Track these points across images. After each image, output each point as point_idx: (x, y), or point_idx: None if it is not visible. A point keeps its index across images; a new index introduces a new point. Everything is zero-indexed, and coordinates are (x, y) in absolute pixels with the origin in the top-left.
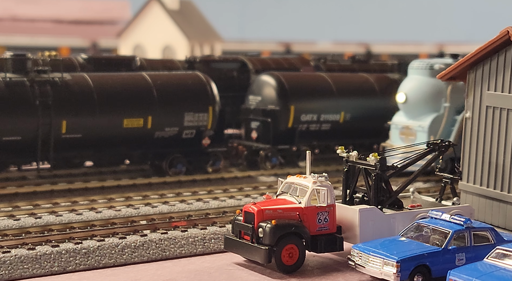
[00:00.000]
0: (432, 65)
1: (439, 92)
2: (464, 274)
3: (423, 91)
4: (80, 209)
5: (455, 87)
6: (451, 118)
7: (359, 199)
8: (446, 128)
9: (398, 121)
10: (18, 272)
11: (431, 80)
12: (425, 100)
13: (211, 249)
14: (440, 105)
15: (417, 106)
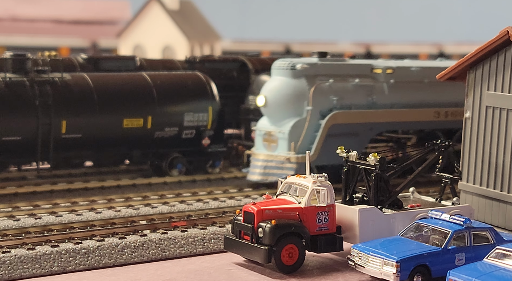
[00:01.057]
0: (294, 65)
1: (301, 95)
2: (464, 274)
3: (284, 93)
4: (80, 210)
5: (318, 88)
6: (315, 122)
7: (359, 199)
8: (309, 134)
9: (261, 126)
10: (18, 272)
11: (292, 81)
12: (286, 103)
13: (211, 249)
14: (303, 109)
15: (278, 110)
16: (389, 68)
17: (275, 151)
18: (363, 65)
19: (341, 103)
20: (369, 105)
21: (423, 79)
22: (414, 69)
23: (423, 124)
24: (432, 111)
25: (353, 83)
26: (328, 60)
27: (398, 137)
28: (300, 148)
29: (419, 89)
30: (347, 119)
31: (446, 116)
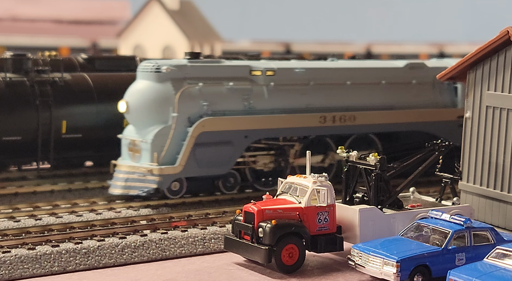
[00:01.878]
0: (159, 67)
1: (166, 100)
2: (464, 274)
3: (147, 98)
4: (80, 211)
5: (186, 93)
6: (182, 130)
7: (359, 199)
8: (174, 143)
9: (126, 134)
10: (18, 272)
11: (157, 85)
12: (149, 110)
13: (211, 249)
14: (168, 116)
15: (141, 117)
16: (269, 70)
17: (139, 162)
18: (240, 66)
19: (213, 109)
20: (246, 110)
21: (309, 82)
22: (298, 71)
23: (307, 130)
24: (317, 116)
25: (227, 87)
26: (200, 62)
27: (280, 144)
28: (164, 158)
29: (304, 92)
30: (218, 126)
31: (333, 121)
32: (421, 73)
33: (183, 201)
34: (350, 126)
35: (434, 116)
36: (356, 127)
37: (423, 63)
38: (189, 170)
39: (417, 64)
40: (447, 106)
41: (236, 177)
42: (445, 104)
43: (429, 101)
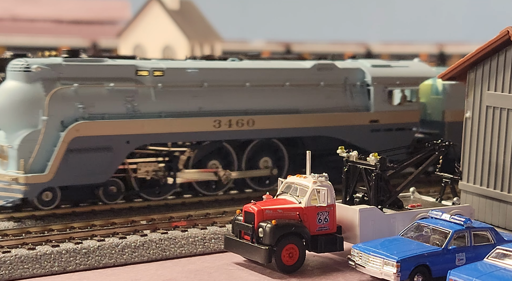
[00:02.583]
0: (28, 66)
1: (36, 102)
2: (464, 274)
3: (13, 100)
4: (80, 211)
5: (58, 94)
6: (54, 135)
7: (359, 199)
8: (45, 149)
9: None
10: (18, 272)
11: (25, 86)
12: (16, 113)
13: (211, 249)
14: (38, 119)
15: (8, 120)
16: (157, 70)
17: (7, 169)
18: (124, 66)
19: (91, 112)
20: (129, 113)
21: (202, 83)
22: (190, 71)
23: (200, 135)
24: (211, 120)
25: (107, 88)
26: (77, 61)
27: (168, 150)
28: (33, 166)
29: (197, 94)
30: (95, 131)
31: (229, 125)
32: (330, 74)
33: (183, 201)
34: (248, 131)
35: (344, 120)
36: (256, 132)
37: (333, 64)
38: (61, 179)
39: (326, 65)
40: (359, 109)
41: (120, 186)
42: (357, 108)
43: (340, 104)
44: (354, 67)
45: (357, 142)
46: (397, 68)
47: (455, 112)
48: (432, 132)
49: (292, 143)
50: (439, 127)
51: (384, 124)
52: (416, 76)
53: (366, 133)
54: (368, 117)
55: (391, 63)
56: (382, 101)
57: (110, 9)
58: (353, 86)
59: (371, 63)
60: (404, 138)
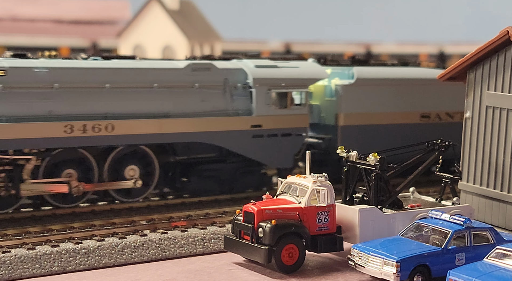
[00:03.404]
0: None
1: None
2: (464, 274)
3: None
4: (80, 211)
5: None
6: None
7: (359, 199)
8: None
9: None
10: (18, 272)
11: None
12: None
13: (211, 249)
14: None
15: None
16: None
17: None
18: None
19: None
20: None
21: (52, 84)
22: (38, 71)
23: (48, 142)
24: (61, 125)
25: None
26: None
27: (10, 159)
28: None
29: (46, 96)
30: None
31: (84, 131)
32: (207, 75)
33: (183, 201)
34: (107, 137)
35: (221, 125)
36: (116, 137)
37: (211, 64)
38: None
39: (202, 65)
40: (240, 113)
41: None
42: (237, 112)
43: (218, 107)
44: (236, 67)
45: (237, 148)
46: (285, 69)
47: (350, 115)
48: (325, 137)
49: (164, 150)
50: (332, 132)
51: (268, 129)
52: (306, 78)
53: (247, 139)
54: (250, 121)
55: (279, 63)
56: (265, 105)
57: (110, 9)
58: (234, 88)
59: (255, 63)
60: (292, 144)
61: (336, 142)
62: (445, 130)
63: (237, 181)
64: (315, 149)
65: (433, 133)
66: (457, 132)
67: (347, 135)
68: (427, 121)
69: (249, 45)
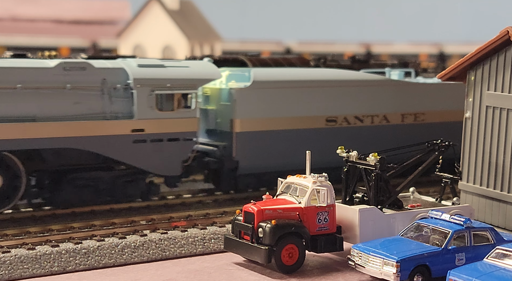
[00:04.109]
0: None
1: None
2: (464, 274)
3: None
4: (80, 211)
5: None
6: None
7: (359, 199)
8: None
9: None
10: (18, 272)
11: None
12: None
13: (211, 249)
14: None
15: None
16: None
17: None
18: None
19: None
20: None
21: None
22: None
23: None
24: None
25: None
26: None
27: None
28: None
29: None
30: None
31: None
32: (82, 75)
33: (183, 201)
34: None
35: (96, 129)
36: None
37: (86, 63)
38: None
39: (76, 64)
40: (120, 117)
41: None
42: (116, 115)
43: (94, 110)
44: (116, 67)
45: (116, 155)
46: (172, 68)
47: (247, 121)
48: (219, 144)
49: (31, 157)
50: (228, 139)
51: (151, 134)
52: (195, 78)
53: (127, 145)
54: (130, 125)
55: (167, 62)
56: (148, 107)
57: (110, 9)
58: (113, 89)
59: (138, 63)
60: (179, 150)
61: (231, 150)
62: (354, 134)
63: (118, 190)
64: (210, 157)
65: (341, 138)
66: (366, 136)
67: (244, 142)
68: (333, 125)
69: (250, 45)
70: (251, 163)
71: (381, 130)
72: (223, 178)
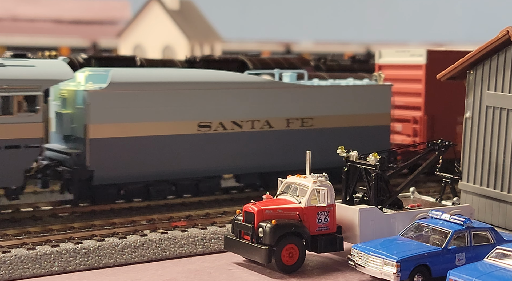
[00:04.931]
0: None
1: None
2: (464, 274)
3: None
4: (80, 211)
5: None
6: None
7: (359, 199)
8: None
9: None
10: (18, 272)
11: None
12: None
13: (211, 249)
14: None
15: None
16: None
17: None
18: None
19: None
20: None
21: None
22: None
23: None
24: None
25: None
26: None
27: None
28: None
29: None
30: None
31: None
32: None
33: (183, 201)
34: None
35: None
36: None
37: None
38: None
39: None
40: None
41: None
42: None
43: None
44: None
45: None
46: (12, 68)
47: (103, 126)
48: (72, 152)
49: None
50: (81, 146)
51: None
52: (41, 79)
53: None
54: None
55: (7, 61)
56: None
57: (110, 9)
58: None
59: None
60: (20, 158)
61: (85, 158)
62: (231, 141)
63: None
64: (64, 166)
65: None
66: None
67: (99, 149)
68: (207, 131)
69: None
70: (108, 172)
71: (262, 136)
72: (76, 188)
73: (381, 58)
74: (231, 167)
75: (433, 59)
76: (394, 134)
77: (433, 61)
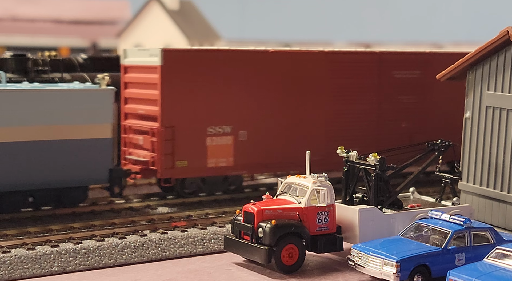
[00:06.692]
0: None
1: None
2: (464, 274)
3: None
4: (80, 211)
5: None
6: None
7: (359, 199)
8: None
9: None
10: (18, 272)
11: None
12: None
13: (211, 249)
14: None
15: None
16: None
17: None
18: None
19: None
20: None
21: None
22: None
23: None
24: None
25: None
26: None
27: None
28: None
29: None
30: None
31: None
32: None
33: (183, 201)
34: None
35: None
36: None
37: None
38: None
39: None
40: None
41: None
42: None
43: None
44: None
45: None
46: None
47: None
48: None
49: None
50: None
51: None
52: None
53: None
54: None
55: None
56: None
57: (110, 9)
58: None
59: None
60: None
61: None
62: None
63: None
64: None
65: None
66: None
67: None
68: None
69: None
70: None
71: None
72: None
73: (126, 58)
74: None
75: (171, 60)
76: (136, 149)
77: (171, 62)
